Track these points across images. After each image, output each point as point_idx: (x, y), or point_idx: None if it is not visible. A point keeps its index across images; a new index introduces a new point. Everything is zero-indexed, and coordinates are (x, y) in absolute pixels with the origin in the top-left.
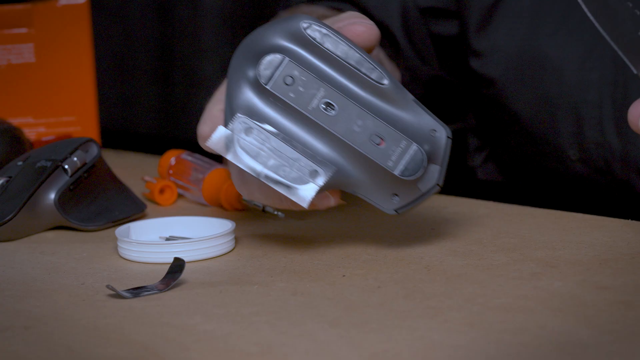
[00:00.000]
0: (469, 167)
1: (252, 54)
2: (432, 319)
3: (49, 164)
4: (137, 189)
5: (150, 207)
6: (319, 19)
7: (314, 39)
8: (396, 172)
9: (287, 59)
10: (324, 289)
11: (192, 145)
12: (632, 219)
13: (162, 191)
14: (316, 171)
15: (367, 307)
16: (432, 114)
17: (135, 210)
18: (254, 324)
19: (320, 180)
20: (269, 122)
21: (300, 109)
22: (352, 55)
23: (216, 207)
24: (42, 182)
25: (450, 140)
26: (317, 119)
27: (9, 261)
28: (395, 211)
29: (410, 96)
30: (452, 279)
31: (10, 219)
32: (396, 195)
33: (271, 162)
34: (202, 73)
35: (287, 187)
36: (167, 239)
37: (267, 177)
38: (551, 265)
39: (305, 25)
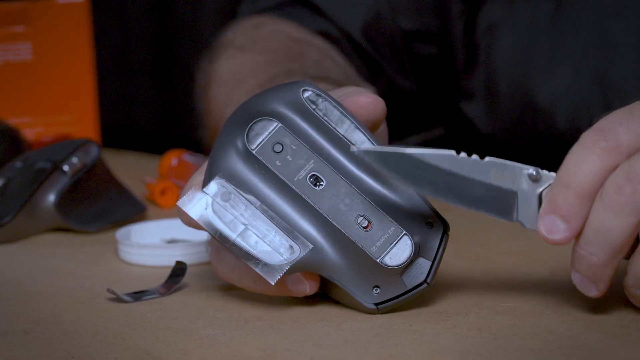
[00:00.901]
0: None
1: (245, 118)
2: (438, 324)
3: (48, 165)
4: (137, 189)
5: (151, 209)
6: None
7: (311, 106)
8: (379, 259)
9: (279, 125)
10: None
11: (192, 143)
12: None
13: (163, 192)
14: (291, 247)
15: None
16: (431, 205)
17: (135, 211)
18: (258, 329)
19: (293, 257)
20: (250, 189)
21: (285, 179)
22: (350, 129)
23: None
24: (41, 184)
25: (447, 237)
26: (302, 192)
27: (7, 264)
28: (375, 306)
29: None
30: (459, 283)
31: (9, 221)
32: (378, 287)
33: (244, 232)
34: (200, 70)
35: (257, 261)
36: (169, 242)
37: (234, 245)
38: (559, 269)
39: (304, 91)
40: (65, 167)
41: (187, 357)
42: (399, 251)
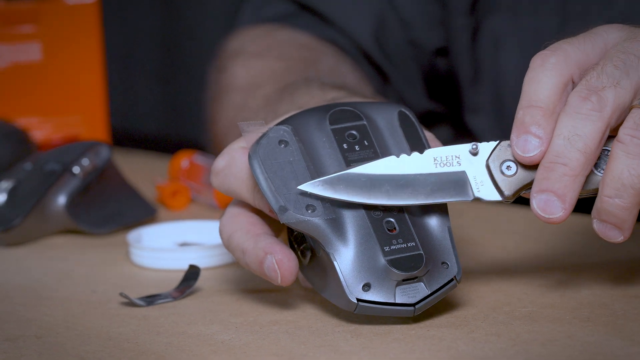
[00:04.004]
0: None
1: (337, 105)
2: (457, 329)
3: (58, 167)
4: (146, 191)
5: (161, 211)
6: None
7: (399, 123)
8: (386, 259)
9: (364, 122)
10: None
11: (196, 145)
12: None
13: (174, 194)
14: (314, 207)
15: (389, 316)
16: (456, 252)
17: (145, 214)
18: (273, 334)
19: (311, 216)
20: (308, 151)
21: (342, 160)
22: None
23: None
24: (51, 186)
25: (455, 284)
26: None
27: (18, 267)
28: (356, 302)
29: (449, 222)
30: (476, 287)
31: (19, 223)
32: (368, 286)
33: (280, 176)
34: (205, 72)
35: (277, 199)
36: (181, 245)
37: (264, 178)
38: (578, 273)
39: (400, 112)
40: (76, 169)
41: None
42: (409, 261)
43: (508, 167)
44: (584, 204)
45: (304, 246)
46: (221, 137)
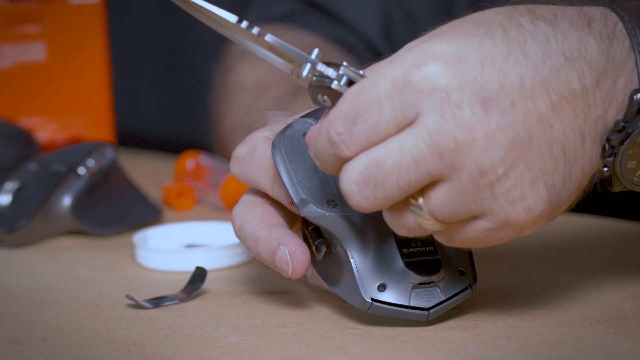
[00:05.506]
0: None
1: None
2: (466, 331)
3: (63, 167)
4: (150, 191)
5: (167, 212)
6: None
7: None
8: (403, 260)
9: None
10: None
11: (198, 146)
12: None
13: (179, 195)
14: (335, 203)
15: (398, 319)
16: (472, 259)
17: (151, 215)
18: (281, 337)
19: (331, 211)
20: None
21: None
22: None
23: None
24: (56, 187)
25: (469, 292)
26: None
27: (23, 269)
28: (371, 301)
29: None
30: (485, 289)
31: (24, 224)
32: (384, 286)
33: (303, 169)
34: (208, 72)
35: (298, 192)
36: (187, 246)
37: (287, 172)
38: (587, 275)
39: None
40: (81, 170)
41: None
42: (427, 265)
43: None
44: (594, 206)
45: (320, 241)
46: (228, 138)
